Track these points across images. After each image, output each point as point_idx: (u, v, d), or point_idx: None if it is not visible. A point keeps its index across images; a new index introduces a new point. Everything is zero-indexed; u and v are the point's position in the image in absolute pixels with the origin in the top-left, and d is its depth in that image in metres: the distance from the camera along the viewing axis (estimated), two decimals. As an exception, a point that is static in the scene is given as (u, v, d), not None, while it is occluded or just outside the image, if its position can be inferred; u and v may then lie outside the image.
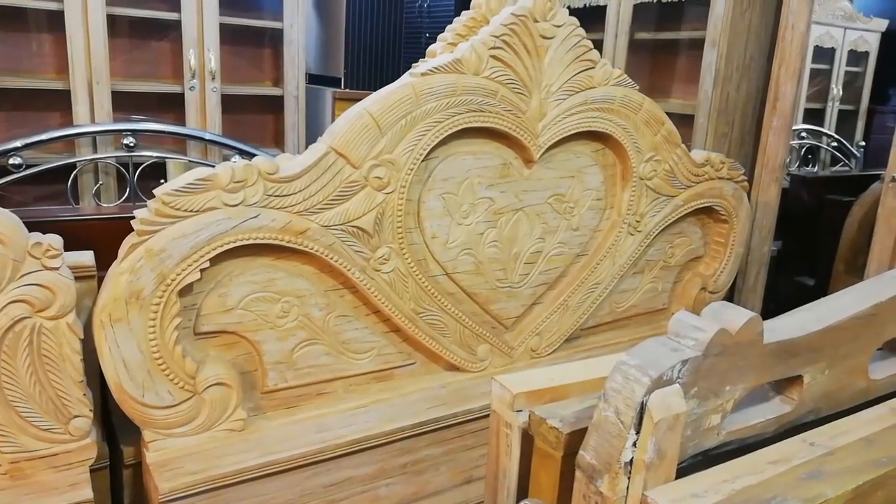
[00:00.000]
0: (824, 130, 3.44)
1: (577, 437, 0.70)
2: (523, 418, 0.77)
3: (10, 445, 1.10)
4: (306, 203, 1.23)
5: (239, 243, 1.19)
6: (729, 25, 2.26)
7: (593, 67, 1.50)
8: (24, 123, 2.42)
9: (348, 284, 1.35)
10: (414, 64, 1.36)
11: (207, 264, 1.17)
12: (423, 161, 1.34)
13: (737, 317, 0.66)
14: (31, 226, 1.08)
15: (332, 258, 1.28)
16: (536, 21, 1.38)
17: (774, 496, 0.53)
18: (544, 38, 1.40)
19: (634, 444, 0.63)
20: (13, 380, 1.07)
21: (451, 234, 1.45)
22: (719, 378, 0.67)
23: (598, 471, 0.65)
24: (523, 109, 1.42)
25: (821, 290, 2.67)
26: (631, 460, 0.63)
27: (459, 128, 1.35)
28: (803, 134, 3.41)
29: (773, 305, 2.37)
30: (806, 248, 2.78)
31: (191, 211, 1.13)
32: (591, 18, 2.76)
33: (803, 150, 3.38)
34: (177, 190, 1.11)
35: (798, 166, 3.35)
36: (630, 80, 1.57)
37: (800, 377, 0.76)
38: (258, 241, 1.20)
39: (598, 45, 2.69)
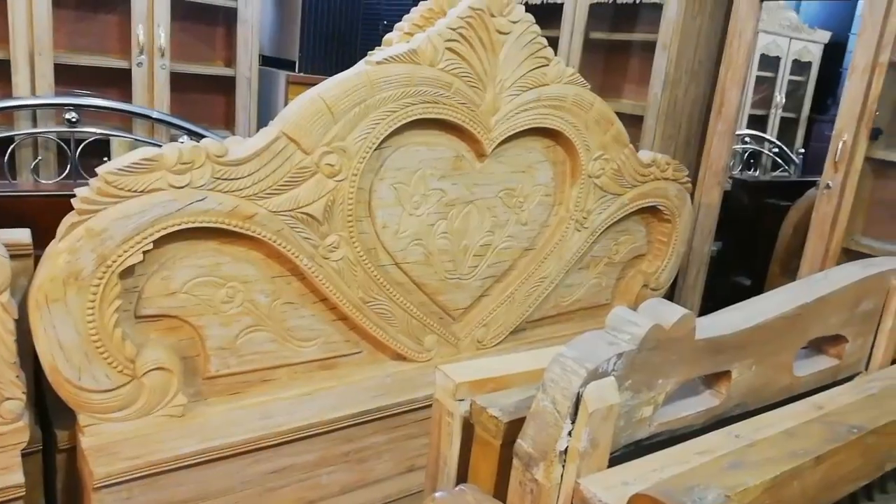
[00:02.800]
0: (767, 136, 3.56)
1: (516, 427, 0.72)
2: (465, 407, 0.79)
3: (-64, 427, 1.06)
4: (255, 188, 1.21)
5: (184, 226, 1.17)
6: (680, 29, 2.32)
7: (547, 65, 1.52)
8: (-42, 93, 2.30)
9: (296, 271, 1.34)
10: (370, 52, 1.36)
11: (150, 246, 1.14)
12: (375, 150, 1.34)
13: (671, 313, 0.69)
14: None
15: (280, 244, 1.27)
16: (493, 16, 1.39)
17: (698, 484, 0.56)
18: (500, 33, 1.41)
19: (570, 434, 0.65)
20: (-59, 359, 1.04)
21: (402, 224, 1.45)
22: (652, 371, 0.70)
23: (534, 459, 0.67)
24: (477, 103, 1.43)
25: (757, 290, 2.76)
26: (566, 449, 0.65)
27: (413, 118, 1.36)
28: (747, 139, 3.52)
29: (712, 303, 2.46)
30: (744, 250, 2.88)
31: (135, 191, 1.10)
32: (548, 16, 2.79)
33: (746, 154, 3.49)
34: (121, 169, 1.09)
35: (741, 170, 3.45)
36: (582, 80, 1.60)
37: (728, 372, 0.79)
38: (204, 225, 1.19)
39: (554, 43, 2.71)
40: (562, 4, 2.71)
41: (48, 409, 1.27)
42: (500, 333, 1.70)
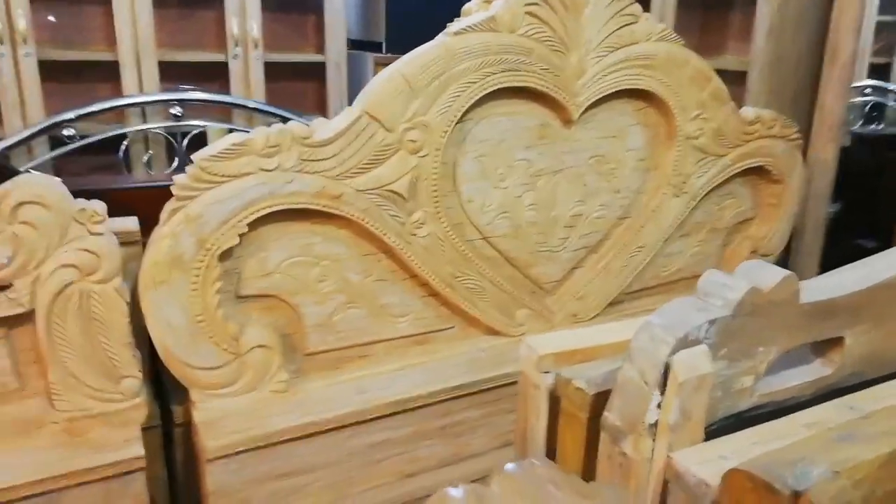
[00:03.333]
0: (891, 87, 3.28)
1: (603, 399, 0.69)
2: (550, 380, 0.76)
3: (65, 403, 1.16)
4: (340, 167, 1.23)
5: (275, 208, 1.20)
6: (785, -25, 2.14)
7: (635, 22, 1.44)
8: (76, 95, 2.48)
9: (385, 249, 1.35)
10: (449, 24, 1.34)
11: (245, 229, 1.19)
12: (457, 123, 1.32)
13: (770, 275, 0.64)
14: (79, 194, 1.11)
15: (367, 222, 1.29)
16: (574, -25, 1.34)
17: (801, 458, 0.52)
18: (582, -8, 1.36)
19: (659, 406, 0.61)
20: (65, 342, 1.12)
21: (488, 198, 1.44)
22: (751, 339, 0.65)
23: (622, 432, 0.64)
24: (561, 68, 1.38)
25: (882, 254, 2.55)
26: (655, 422, 0.62)
27: (495, 88, 1.33)
28: (867, 90, 3.25)
29: (831, 269, 2.29)
30: (867, 210, 2.66)
31: (227, 176, 1.14)
32: (639, -27, 2.66)
33: (868, 106, 3.23)
34: (213, 156, 1.13)
35: (862, 124, 3.20)
36: (674, 35, 1.51)
37: (841, 339, 0.73)
38: (294, 206, 1.22)
39: (646, 2, 2.59)
40: (653, -41, 2.57)
41: (165, 387, 1.36)
42: (596, 306, 1.65)
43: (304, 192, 1.21)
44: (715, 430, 0.69)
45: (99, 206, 1.11)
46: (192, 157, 1.14)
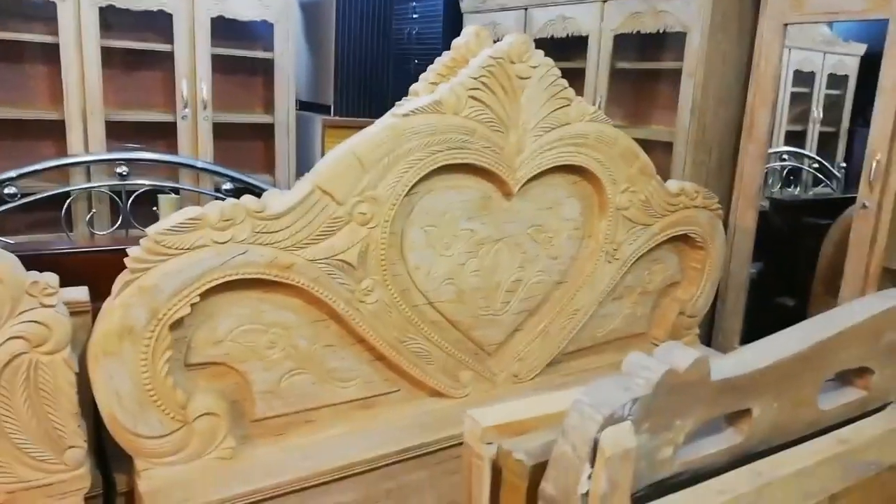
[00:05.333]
0: (806, 152, 3.51)
1: (540, 469, 0.75)
2: (493, 450, 0.82)
3: (6, 476, 1.14)
4: (292, 239, 1.28)
5: (228, 278, 1.24)
6: (705, 56, 2.34)
7: (569, 105, 1.56)
8: (19, 153, 2.46)
9: (334, 315, 1.40)
10: (401, 93, 1.42)
11: (198, 299, 1.22)
12: (405, 196, 1.40)
13: (684, 357, 0.72)
14: (27, 260, 1.12)
15: (317, 291, 1.33)
16: (513, 62, 1.45)
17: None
18: (521, 78, 1.47)
19: (590, 477, 0.68)
20: (10, 413, 1.12)
21: (434, 265, 1.50)
22: (669, 413, 0.73)
23: (557, 501, 0.70)
24: (501, 146, 1.48)
25: (801, 311, 2.73)
26: (587, 492, 0.68)
27: (440, 164, 1.42)
28: (785, 156, 3.47)
29: (755, 326, 2.43)
30: (786, 270, 2.85)
31: (181, 249, 1.18)
32: (574, 48, 2.84)
33: (785, 171, 3.45)
34: (168, 229, 1.17)
35: (780, 188, 3.41)
36: (604, 117, 1.64)
37: (749, 410, 0.81)
38: (246, 276, 1.26)
39: (581, 73, 2.77)
40: (587, 37, 2.76)
41: (107, 456, 1.35)
42: (536, 367, 1.73)
43: (257, 262, 1.25)
44: (639, 498, 0.76)
45: (51, 278, 1.12)
46: (146, 230, 1.17)
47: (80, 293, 1.27)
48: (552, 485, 0.70)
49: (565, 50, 1.47)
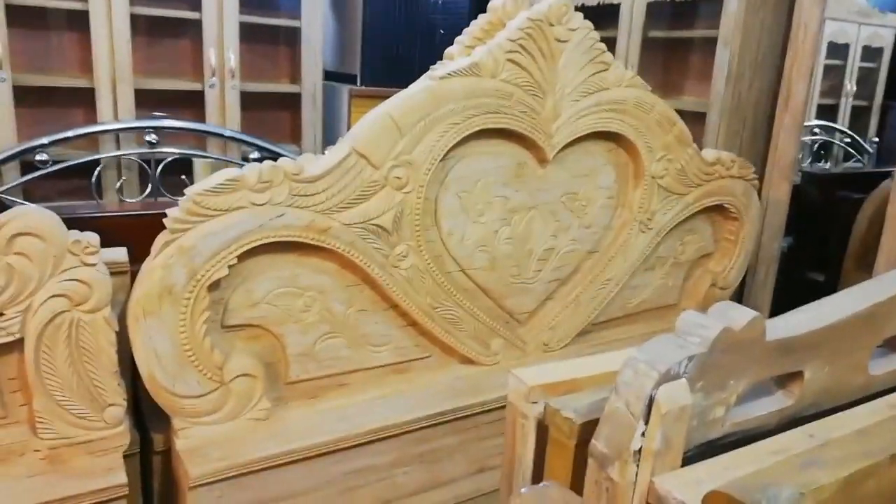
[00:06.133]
0: (837, 126, 3.44)
1: (588, 428, 0.75)
2: (538, 409, 0.82)
3: (48, 432, 1.16)
4: (329, 202, 1.28)
5: (265, 241, 1.24)
6: (742, 24, 2.28)
7: (607, 70, 1.53)
8: (50, 120, 2.48)
9: (368, 280, 1.40)
10: (431, 66, 1.41)
11: (235, 261, 1.22)
12: (440, 161, 1.38)
13: (740, 316, 0.71)
14: (67, 222, 1.13)
15: (352, 255, 1.33)
16: (552, 25, 1.42)
17: (771, 482, 0.58)
18: (559, 41, 1.44)
19: (643, 434, 0.67)
20: (52, 370, 1.13)
21: (467, 232, 1.50)
22: (723, 373, 0.72)
23: (609, 458, 0.69)
24: (538, 111, 1.46)
25: (830, 286, 2.69)
26: (640, 449, 0.68)
27: (476, 129, 1.40)
28: (816, 130, 3.41)
29: (784, 301, 2.40)
30: (817, 245, 2.81)
31: (220, 210, 1.18)
32: (605, 17, 2.79)
33: (816, 146, 3.39)
34: (207, 190, 1.17)
35: (811, 162, 3.35)
36: (642, 82, 1.61)
37: (800, 373, 0.80)
38: (283, 239, 1.26)
39: (612, 43, 2.72)
40: (619, 5, 2.70)
41: (144, 415, 1.37)
42: (566, 336, 1.72)
43: (294, 225, 1.25)
44: (690, 457, 0.75)
45: (92, 237, 1.13)
46: (186, 190, 1.17)
47: (119, 254, 1.28)
48: (603, 442, 0.70)
49: (597, 18, 1.44)
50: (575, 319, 1.72)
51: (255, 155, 2.52)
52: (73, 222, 1.17)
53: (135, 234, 1.28)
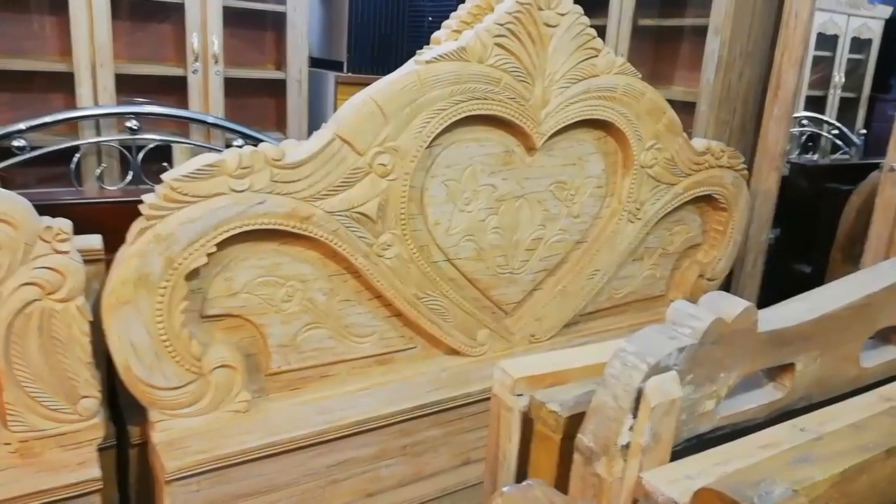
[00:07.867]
0: (825, 118, 3.44)
1: (575, 421, 0.72)
2: (523, 402, 0.79)
3: (20, 425, 1.13)
4: (311, 189, 1.24)
5: (245, 228, 1.20)
6: (733, 12, 2.26)
7: (597, 56, 1.50)
8: (27, 105, 2.42)
9: (352, 269, 1.37)
10: (418, 51, 1.37)
11: (214, 249, 1.18)
12: (426, 148, 1.35)
13: (732, 306, 0.68)
14: (40, 209, 1.09)
15: (335, 244, 1.30)
16: (541, 9, 1.39)
17: (763, 478, 0.56)
18: (548, 26, 1.41)
19: (631, 428, 0.65)
20: (23, 361, 1.10)
21: (454, 221, 1.47)
22: (714, 365, 0.69)
23: (595, 453, 0.67)
24: (526, 97, 1.43)
25: (818, 278, 2.69)
26: (627, 444, 0.66)
27: (463, 115, 1.37)
28: (804, 121, 3.41)
29: (771, 292, 2.39)
30: (804, 236, 2.80)
31: (198, 196, 1.14)
32: (595, 4, 2.75)
33: (804, 137, 3.39)
34: (185, 175, 1.13)
35: (798, 154, 3.35)
36: (633, 69, 1.58)
37: (792, 365, 0.78)
38: (264, 227, 1.22)
39: (601, 30, 2.68)
40: (608, -8, 2.67)
41: (121, 407, 1.33)
42: (553, 327, 1.70)
43: (275, 212, 1.22)
44: (678, 451, 0.73)
45: (65, 223, 1.09)
46: (163, 176, 1.13)
47: (94, 241, 1.24)
48: (590, 436, 0.67)
49: (586, 6, 1.42)
50: (562, 311, 1.70)
51: (239, 142, 2.46)
52: (48, 209, 1.13)
53: (113, 222, 1.24)
